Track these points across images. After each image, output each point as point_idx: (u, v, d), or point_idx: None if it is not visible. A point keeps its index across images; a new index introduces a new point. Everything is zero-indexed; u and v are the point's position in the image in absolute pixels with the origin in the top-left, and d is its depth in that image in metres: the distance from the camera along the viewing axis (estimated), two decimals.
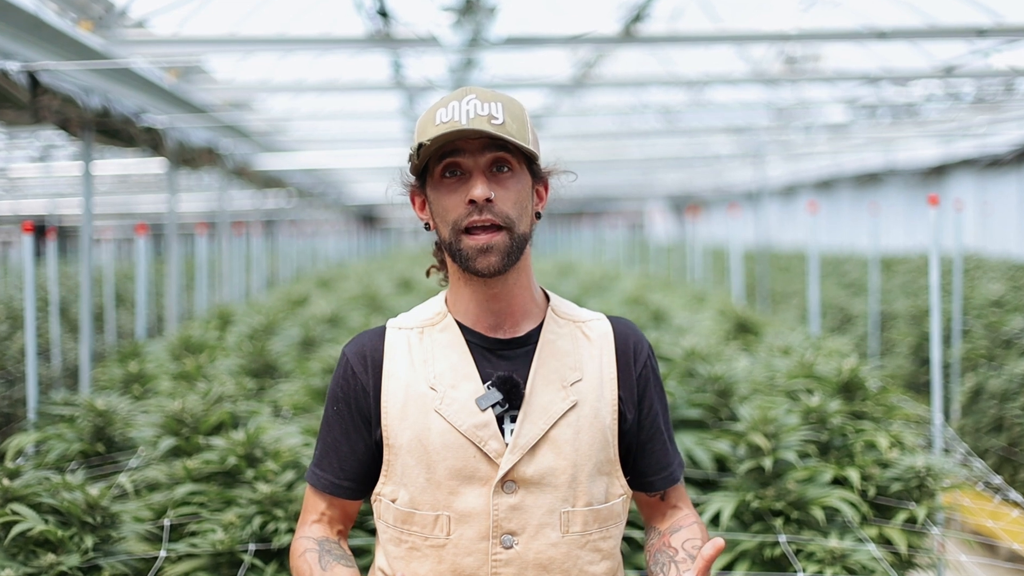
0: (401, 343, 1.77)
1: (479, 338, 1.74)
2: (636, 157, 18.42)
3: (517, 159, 1.71)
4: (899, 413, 3.84)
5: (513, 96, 1.75)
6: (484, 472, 1.68)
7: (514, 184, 1.70)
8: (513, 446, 1.68)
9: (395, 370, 1.74)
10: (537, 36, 7.38)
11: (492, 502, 1.67)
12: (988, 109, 11.65)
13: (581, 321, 1.80)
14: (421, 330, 1.77)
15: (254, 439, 3.32)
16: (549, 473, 1.68)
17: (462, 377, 1.72)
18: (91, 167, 5.96)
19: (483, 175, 1.68)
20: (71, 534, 2.89)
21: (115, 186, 16.39)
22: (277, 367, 4.97)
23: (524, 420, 1.69)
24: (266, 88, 10.35)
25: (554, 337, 1.76)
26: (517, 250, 1.70)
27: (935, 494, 3.36)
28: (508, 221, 1.68)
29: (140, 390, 4.46)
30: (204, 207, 16.88)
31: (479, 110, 1.66)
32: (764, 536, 3.18)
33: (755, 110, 13.31)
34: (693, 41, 7.60)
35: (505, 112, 1.68)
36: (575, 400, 1.72)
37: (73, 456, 3.60)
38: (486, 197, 1.66)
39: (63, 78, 5.27)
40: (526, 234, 1.72)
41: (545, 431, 1.70)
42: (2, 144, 11.59)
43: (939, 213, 4.36)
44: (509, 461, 1.68)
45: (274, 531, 3.05)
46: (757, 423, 3.34)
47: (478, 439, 1.68)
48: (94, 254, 7.37)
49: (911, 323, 8.37)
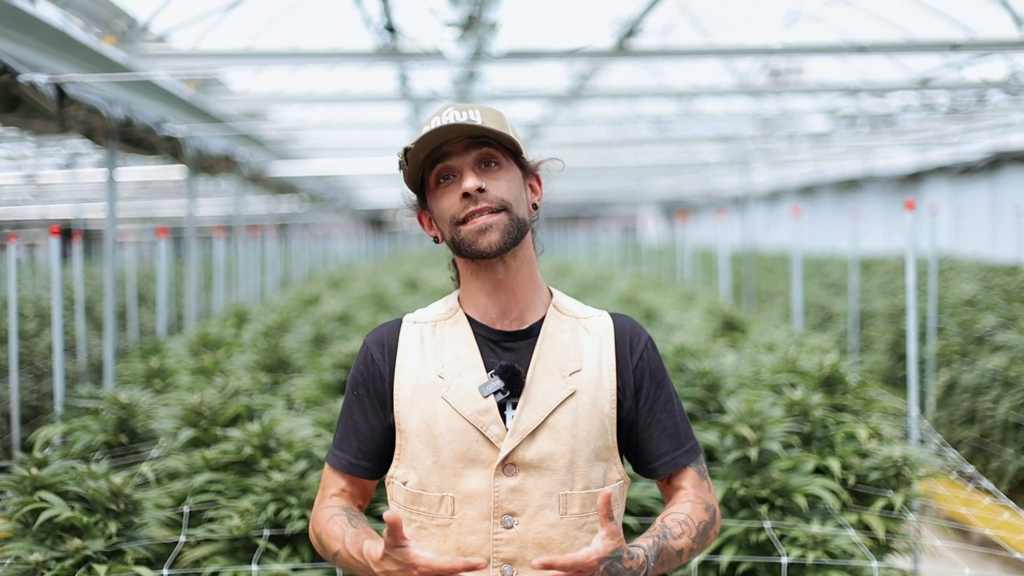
0: (415, 336, 1.79)
1: (485, 330, 1.76)
2: (629, 164, 18.44)
3: (503, 154, 1.74)
4: (877, 406, 3.84)
5: (510, 108, 1.76)
6: (486, 455, 1.69)
7: (503, 175, 1.73)
8: (513, 431, 1.70)
9: (407, 361, 1.77)
10: (536, 50, 7.38)
11: (493, 484, 1.69)
12: (961, 119, 11.65)
13: (583, 317, 1.81)
14: (434, 324, 1.80)
15: (268, 431, 3.32)
16: (548, 457, 1.69)
17: (468, 366, 1.74)
18: (115, 174, 5.96)
19: (472, 170, 1.71)
20: (96, 520, 2.89)
21: (137, 191, 16.38)
22: (290, 363, 4.97)
23: (524, 406, 1.71)
24: (280, 99, 10.35)
25: (555, 331, 1.77)
26: (516, 230, 1.72)
27: (911, 482, 3.36)
28: (503, 203, 1.71)
29: (161, 384, 4.46)
30: (221, 211, 16.86)
31: (458, 118, 1.70)
32: (750, 522, 3.18)
33: (741, 120, 13.31)
34: (683, 55, 7.60)
35: (482, 115, 1.72)
36: (574, 388, 1.73)
37: (98, 447, 3.60)
38: (477, 187, 1.69)
39: (88, 90, 5.27)
40: (525, 219, 1.74)
41: (544, 417, 1.71)
42: (31, 152, 11.58)
43: (915, 217, 4.36)
44: (509, 445, 1.69)
45: (287, 517, 3.05)
46: (743, 415, 3.34)
47: (480, 424, 1.70)
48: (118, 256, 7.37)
49: (888, 321, 8.37)
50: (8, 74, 4.28)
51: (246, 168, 9.78)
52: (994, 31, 6.93)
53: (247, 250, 10.58)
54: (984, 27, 7.07)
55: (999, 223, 12.96)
